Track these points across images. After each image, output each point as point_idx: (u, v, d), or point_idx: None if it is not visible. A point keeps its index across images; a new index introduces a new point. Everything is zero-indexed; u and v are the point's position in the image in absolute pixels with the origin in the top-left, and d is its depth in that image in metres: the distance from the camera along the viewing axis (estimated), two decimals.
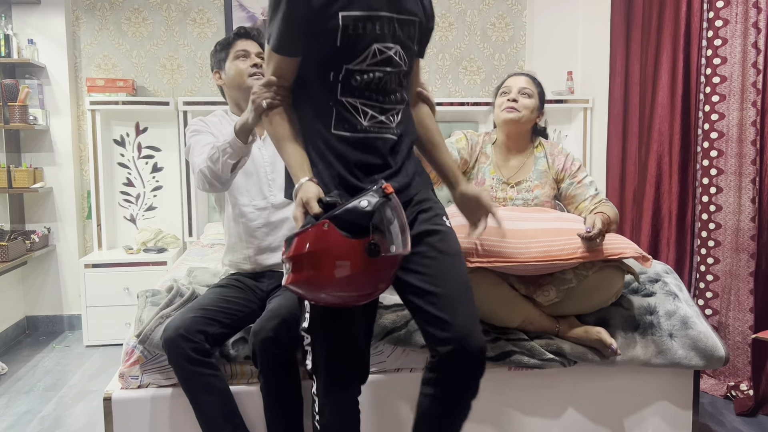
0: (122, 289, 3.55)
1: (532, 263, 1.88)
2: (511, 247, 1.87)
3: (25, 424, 2.59)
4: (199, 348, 1.79)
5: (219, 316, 1.88)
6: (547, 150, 2.25)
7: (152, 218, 3.94)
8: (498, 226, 1.70)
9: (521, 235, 1.90)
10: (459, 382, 1.50)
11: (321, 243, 1.32)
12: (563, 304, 1.99)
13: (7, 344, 3.59)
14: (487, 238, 1.88)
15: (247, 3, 3.93)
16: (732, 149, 2.74)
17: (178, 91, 3.95)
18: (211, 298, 1.95)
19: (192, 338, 1.78)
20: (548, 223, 1.97)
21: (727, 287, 2.77)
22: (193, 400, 1.81)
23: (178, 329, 1.78)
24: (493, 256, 1.87)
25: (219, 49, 2.17)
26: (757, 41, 2.62)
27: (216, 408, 1.80)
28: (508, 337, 1.98)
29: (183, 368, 1.79)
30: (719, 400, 2.71)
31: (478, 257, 1.87)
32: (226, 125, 2.14)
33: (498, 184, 2.20)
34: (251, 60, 2.10)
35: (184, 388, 1.82)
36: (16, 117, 3.51)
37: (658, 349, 2.01)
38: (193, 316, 1.84)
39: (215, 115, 2.21)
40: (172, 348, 1.78)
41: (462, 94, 4.09)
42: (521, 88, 2.18)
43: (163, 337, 1.80)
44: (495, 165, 2.22)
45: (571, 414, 2.08)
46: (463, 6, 4.06)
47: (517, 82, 2.20)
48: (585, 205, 2.16)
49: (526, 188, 2.19)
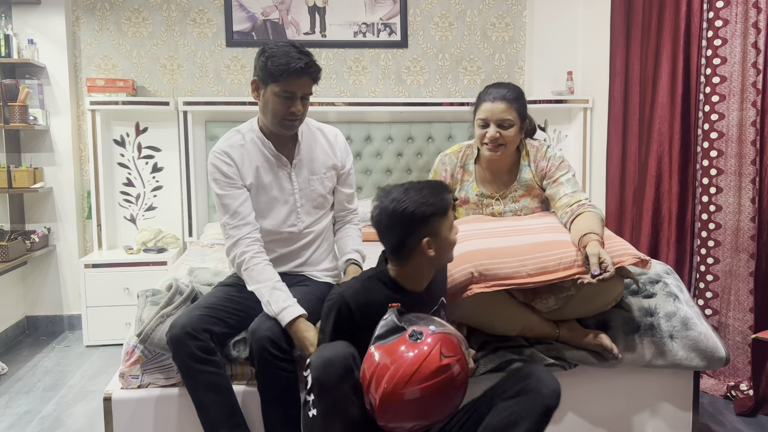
0: (122, 289, 3.55)
1: (530, 284, 1.86)
2: (507, 267, 1.85)
3: (25, 424, 2.59)
4: (204, 346, 1.78)
5: (224, 316, 1.87)
6: (531, 157, 2.17)
7: (152, 218, 3.94)
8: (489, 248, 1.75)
9: (515, 252, 1.87)
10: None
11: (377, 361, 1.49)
12: (563, 309, 1.98)
13: (7, 344, 3.59)
14: (481, 262, 1.86)
15: (247, 3, 3.93)
16: (732, 149, 2.74)
17: (178, 91, 3.94)
18: (218, 297, 1.94)
19: (198, 336, 1.77)
20: (541, 235, 1.95)
21: (727, 287, 2.77)
22: (196, 398, 1.81)
23: (185, 327, 1.77)
24: (491, 280, 1.85)
25: (271, 66, 1.89)
26: (757, 41, 2.62)
27: (218, 407, 1.80)
28: (508, 345, 1.96)
29: (187, 366, 1.78)
30: (719, 400, 2.71)
31: (476, 284, 1.85)
32: (254, 153, 2.00)
33: (482, 199, 2.17)
34: (294, 105, 1.92)
35: (188, 386, 1.81)
36: (16, 117, 3.51)
37: (658, 351, 2.01)
38: (200, 314, 1.83)
39: (242, 138, 2.02)
40: (177, 345, 1.77)
41: (462, 94, 4.09)
42: (499, 120, 2.03)
43: (169, 334, 1.79)
44: (479, 180, 2.18)
45: (571, 415, 2.08)
46: (463, 6, 4.06)
47: (495, 111, 2.04)
48: (560, 205, 2.06)
49: (512, 199, 2.16)
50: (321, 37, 3.99)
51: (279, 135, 2.01)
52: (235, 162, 1.99)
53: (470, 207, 2.20)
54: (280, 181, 2.04)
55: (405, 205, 1.56)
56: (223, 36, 3.95)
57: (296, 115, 1.94)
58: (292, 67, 1.87)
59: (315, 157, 2.09)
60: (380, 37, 4.02)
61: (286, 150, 2.05)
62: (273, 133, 2.01)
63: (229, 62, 3.96)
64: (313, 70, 1.92)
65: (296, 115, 1.94)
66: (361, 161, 3.96)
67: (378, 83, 4.06)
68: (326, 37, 3.99)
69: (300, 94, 1.92)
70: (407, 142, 3.97)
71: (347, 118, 3.95)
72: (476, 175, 2.19)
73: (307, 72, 1.91)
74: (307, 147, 2.08)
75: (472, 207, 2.19)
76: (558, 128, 4.00)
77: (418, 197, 1.56)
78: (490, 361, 1.93)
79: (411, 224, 1.57)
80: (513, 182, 2.17)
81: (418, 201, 1.56)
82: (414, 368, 1.43)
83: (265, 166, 2.02)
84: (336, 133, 2.17)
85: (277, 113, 1.93)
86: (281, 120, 1.94)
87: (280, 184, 2.03)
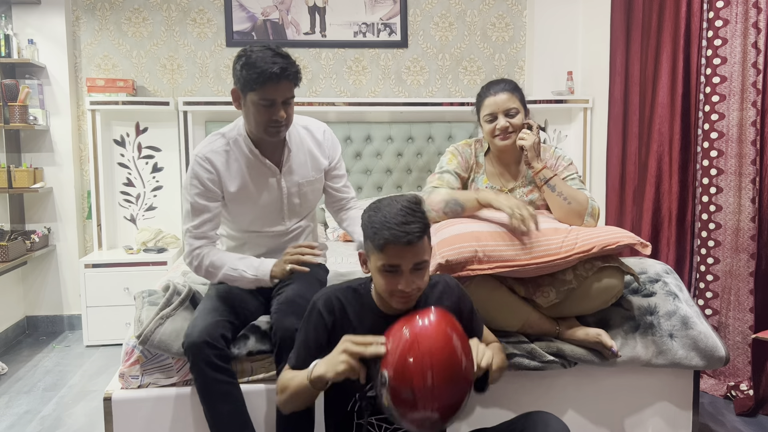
0: (122, 289, 3.55)
1: (533, 265, 1.88)
2: (511, 250, 1.88)
3: (25, 424, 2.59)
4: (222, 354, 1.77)
5: (232, 318, 1.88)
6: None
7: (152, 218, 3.94)
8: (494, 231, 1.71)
9: (519, 236, 1.91)
10: None
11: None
12: (563, 305, 1.99)
13: (7, 344, 3.59)
14: (487, 243, 1.88)
15: (247, 3, 3.93)
16: (732, 149, 2.74)
17: (178, 91, 3.95)
18: (224, 298, 1.93)
19: (216, 344, 1.76)
20: (544, 224, 1.97)
21: (727, 287, 2.77)
22: (209, 406, 1.78)
23: (202, 335, 1.75)
24: (494, 262, 1.87)
25: (246, 75, 1.80)
26: (757, 41, 2.62)
27: (230, 417, 1.78)
28: (508, 339, 1.97)
29: (205, 374, 1.76)
30: (719, 400, 2.71)
31: (479, 264, 1.87)
32: (240, 159, 1.95)
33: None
34: (276, 112, 1.83)
35: (202, 394, 1.79)
36: (16, 117, 3.51)
37: (658, 350, 2.01)
38: (216, 320, 1.81)
39: (226, 143, 1.95)
40: (196, 353, 1.75)
41: (462, 94, 4.09)
42: (506, 110, 2.09)
43: (187, 342, 1.76)
44: (488, 174, 2.21)
45: (571, 414, 2.08)
46: (463, 6, 4.06)
47: (500, 102, 2.09)
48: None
49: (521, 194, 2.18)
50: (321, 37, 3.99)
51: (268, 142, 1.96)
52: (217, 169, 1.92)
53: None
54: (269, 187, 2.00)
55: (370, 213, 1.47)
56: (223, 36, 3.95)
57: (279, 122, 1.85)
58: (268, 73, 1.76)
59: (304, 161, 2.06)
60: (380, 37, 4.02)
61: (275, 157, 2.00)
62: (261, 139, 1.94)
63: (229, 62, 3.96)
64: (289, 74, 1.80)
65: (279, 122, 1.85)
66: (361, 161, 3.96)
67: (378, 83, 4.06)
68: (326, 37, 3.99)
69: (281, 100, 1.82)
70: (407, 142, 3.97)
71: (347, 118, 3.95)
72: (486, 168, 2.22)
73: (284, 76, 1.79)
74: (296, 152, 2.04)
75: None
76: (558, 128, 4.00)
77: (385, 215, 1.42)
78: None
79: (365, 235, 1.50)
80: (520, 177, 2.21)
81: (380, 219, 1.42)
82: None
83: (253, 173, 1.97)
84: (323, 129, 2.12)
85: (260, 122, 1.85)
86: (266, 128, 1.87)
87: (268, 190, 2.00)
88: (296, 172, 2.04)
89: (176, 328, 1.89)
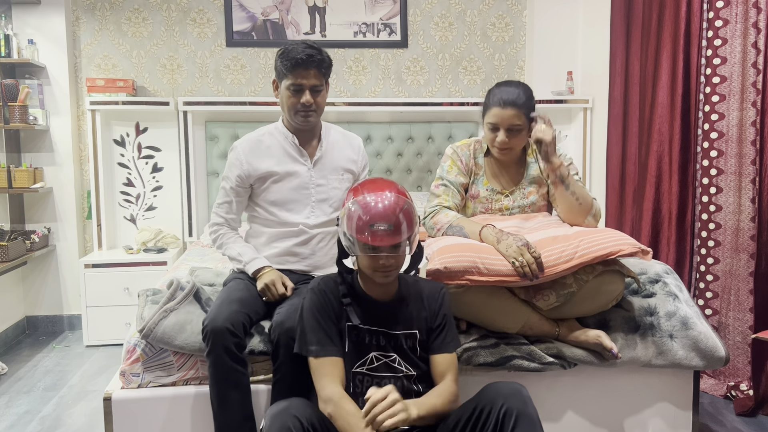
0: (122, 289, 3.55)
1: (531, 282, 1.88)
2: (509, 266, 1.87)
3: (25, 424, 2.59)
4: (240, 344, 1.80)
5: (251, 311, 1.90)
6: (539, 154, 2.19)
7: (152, 218, 3.94)
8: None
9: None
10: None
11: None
12: (563, 308, 1.98)
13: (7, 344, 3.59)
14: (487, 257, 1.88)
15: (247, 3, 3.93)
16: (732, 149, 2.74)
17: (178, 91, 3.95)
18: (241, 290, 1.96)
19: (237, 333, 1.79)
20: (542, 232, 1.97)
21: (727, 287, 2.77)
22: (220, 393, 1.80)
23: (226, 322, 1.78)
24: (493, 275, 1.87)
25: (281, 64, 2.04)
26: (757, 41, 2.62)
27: (239, 406, 1.80)
28: (508, 341, 1.97)
29: (222, 361, 1.77)
30: (719, 400, 2.71)
31: (479, 275, 1.87)
32: (275, 145, 2.13)
33: (493, 194, 2.19)
34: (304, 97, 2.02)
35: (215, 381, 1.79)
36: (16, 117, 3.51)
37: (658, 350, 2.01)
38: (239, 309, 1.84)
39: (266, 132, 2.17)
40: (217, 338, 1.76)
41: (462, 94, 4.10)
42: (510, 126, 2.06)
43: (210, 326, 1.78)
44: (488, 175, 2.20)
45: (571, 415, 2.08)
46: (463, 6, 4.06)
47: (504, 117, 2.05)
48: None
49: (521, 195, 2.18)
50: (321, 37, 3.99)
51: (302, 131, 2.12)
52: (246, 154, 2.11)
53: (480, 201, 2.20)
54: (299, 174, 2.11)
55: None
56: (223, 36, 3.95)
57: (307, 106, 2.03)
58: (296, 59, 1.98)
59: (336, 157, 2.17)
60: (380, 37, 4.02)
61: (309, 148, 2.15)
62: (297, 129, 2.12)
63: (229, 62, 3.96)
64: (315, 61, 2.00)
65: (307, 106, 2.03)
66: None
67: (378, 83, 4.06)
68: (326, 37, 3.99)
69: (308, 86, 2.01)
70: (407, 142, 3.98)
71: (347, 118, 3.95)
72: (486, 170, 2.21)
73: (311, 63, 1.99)
74: (330, 147, 2.18)
75: (481, 201, 2.20)
76: (558, 128, 4.00)
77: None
78: (490, 354, 1.93)
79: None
80: (521, 178, 2.20)
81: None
82: None
83: (285, 157, 2.12)
84: (360, 142, 2.28)
85: (291, 106, 2.05)
86: (295, 112, 2.05)
87: (298, 177, 2.10)
88: (327, 165, 2.15)
89: (179, 321, 1.90)
